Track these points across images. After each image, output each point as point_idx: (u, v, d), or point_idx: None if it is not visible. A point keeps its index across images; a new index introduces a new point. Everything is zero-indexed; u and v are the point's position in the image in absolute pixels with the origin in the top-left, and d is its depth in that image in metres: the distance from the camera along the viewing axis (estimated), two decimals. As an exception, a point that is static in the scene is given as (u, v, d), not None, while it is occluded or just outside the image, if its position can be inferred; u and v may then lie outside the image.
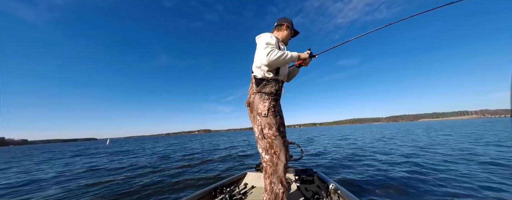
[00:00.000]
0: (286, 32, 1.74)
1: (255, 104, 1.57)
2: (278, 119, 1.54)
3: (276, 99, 1.60)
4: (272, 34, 1.64)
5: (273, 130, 1.48)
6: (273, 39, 1.55)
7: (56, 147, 42.08)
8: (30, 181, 5.28)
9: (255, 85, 1.62)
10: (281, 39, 1.73)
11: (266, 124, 1.50)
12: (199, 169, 5.54)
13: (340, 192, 1.77)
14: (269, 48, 1.44)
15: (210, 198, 1.93)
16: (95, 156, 11.50)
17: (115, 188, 4.11)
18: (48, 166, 8.22)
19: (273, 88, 1.57)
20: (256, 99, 1.57)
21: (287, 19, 1.76)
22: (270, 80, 1.57)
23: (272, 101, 1.54)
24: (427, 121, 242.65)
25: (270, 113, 1.50)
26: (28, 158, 13.79)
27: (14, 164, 10.16)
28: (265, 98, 1.54)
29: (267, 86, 1.56)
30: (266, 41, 1.50)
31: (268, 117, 1.50)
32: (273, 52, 1.41)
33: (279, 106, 1.66)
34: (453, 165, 4.33)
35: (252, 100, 1.60)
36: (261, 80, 1.59)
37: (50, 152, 19.02)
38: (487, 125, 25.88)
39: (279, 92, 1.64)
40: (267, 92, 1.56)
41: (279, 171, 1.45)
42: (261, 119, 1.52)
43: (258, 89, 1.58)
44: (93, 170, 6.56)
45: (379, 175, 3.90)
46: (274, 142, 1.47)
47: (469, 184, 3.12)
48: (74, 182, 4.92)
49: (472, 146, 6.92)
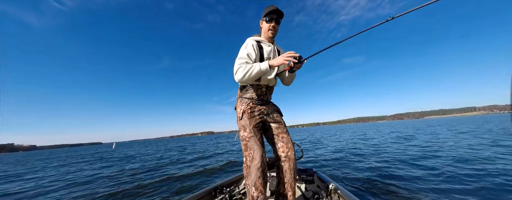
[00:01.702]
0: (263, 27, 1.55)
1: (236, 109, 1.58)
2: (255, 119, 1.50)
3: (257, 103, 1.56)
4: (252, 39, 1.53)
5: (247, 132, 1.44)
6: (248, 49, 1.44)
7: (69, 151, 42.83)
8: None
9: (239, 90, 1.63)
10: (263, 36, 1.58)
11: (241, 127, 1.48)
12: (203, 170, 5.57)
13: (340, 192, 1.76)
14: (237, 65, 1.38)
15: (210, 198, 1.93)
16: (112, 159, 11.66)
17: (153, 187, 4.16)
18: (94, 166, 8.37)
19: (254, 94, 1.54)
20: (237, 104, 1.58)
21: (264, 10, 1.56)
22: (251, 86, 1.54)
23: (250, 104, 1.52)
24: (434, 118, 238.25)
25: (244, 116, 1.48)
26: (62, 161, 14.04)
27: (68, 166, 10.36)
28: (243, 102, 1.54)
29: (248, 91, 1.55)
30: (239, 55, 1.44)
31: (242, 119, 1.48)
32: (239, 69, 1.35)
33: (264, 109, 1.57)
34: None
35: (236, 105, 1.61)
36: (243, 86, 1.59)
37: (72, 157, 19.36)
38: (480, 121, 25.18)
39: (263, 97, 1.58)
40: (248, 97, 1.55)
41: (252, 174, 1.34)
42: (238, 123, 1.51)
43: (240, 94, 1.59)
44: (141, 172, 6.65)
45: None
46: (248, 144, 1.41)
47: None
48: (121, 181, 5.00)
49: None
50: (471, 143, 6.99)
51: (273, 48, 1.56)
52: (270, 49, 1.53)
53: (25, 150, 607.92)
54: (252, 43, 1.48)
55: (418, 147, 6.87)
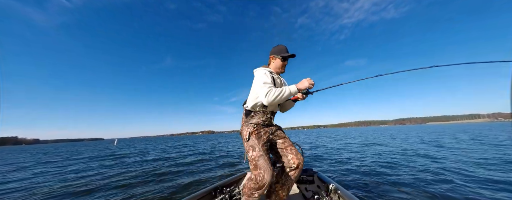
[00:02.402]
0: (275, 62, 1.74)
1: (242, 133, 1.65)
2: (262, 139, 1.58)
3: (263, 127, 1.65)
4: (266, 69, 1.64)
5: (256, 151, 1.49)
6: (268, 76, 1.54)
7: (77, 146, 43.19)
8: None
9: (244, 116, 1.71)
10: (275, 70, 1.74)
11: (249, 147, 1.53)
12: (201, 169, 5.58)
13: (340, 192, 1.77)
14: (266, 88, 1.43)
15: (210, 198, 1.95)
16: (128, 156, 11.75)
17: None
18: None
19: (260, 119, 1.64)
20: (243, 128, 1.66)
21: (274, 49, 1.75)
22: (258, 112, 1.65)
23: (256, 127, 1.60)
24: (437, 124, 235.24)
25: (252, 137, 1.55)
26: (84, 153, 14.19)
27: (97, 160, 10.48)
28: (249, 126, 1.62)
29: (254, 117, 1.64)
30: (263, 81, 1.49)
31: (249, 140, 1.55)
32: (270, 92, 1.41)
33: (269, 129, 1.68)
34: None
35: (241, 130, 1.70)
36: (249, 112, 1.67)
37: (87, 151, 19.55)
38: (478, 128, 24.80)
39: (268, 122, 1.68)
40: (254, 122, 1.63)
41: (259, 192, 1.43)
42: (246, 144, 1.57)
43: (246, 120, 1.67)
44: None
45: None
46: (258, 163, 1.44)
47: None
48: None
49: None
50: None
51: (281, 80, 1.80)
52: (279, 81, 1.74)
53: (28, 144, 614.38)
54: (269, 72, 1.64)
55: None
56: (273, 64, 1.75)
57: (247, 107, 1.70)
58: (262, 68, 1.71)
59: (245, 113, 1.71)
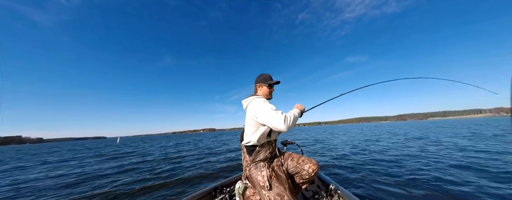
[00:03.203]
0: (263, 90, 1.72)
1: (253, 178, 1.42)
2: (283, 179, 1.41)
3: (272, 161, 1.52)
4: (261, 98, 1.57)
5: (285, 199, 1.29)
6: (269, 104, 1.47)
7: (83, 144, 43.60)
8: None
9: (248, 154, 1.51)
10: (264, 96, 1.71)
11: (275, 197, 1.28)
12: (201, 167, 5.62)
13: (340, 192, 1.78)
14: (280, 114, 1.31)
15: (210, 198, 1.95)
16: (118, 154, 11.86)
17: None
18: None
19: (268, 152, 1.50)
20: (253, 171, 1.44)
21: (258, 78, 1.75)
22: (263, 145, 1.49)
23: (269, 166, 1.44)
24: (438, 120, 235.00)
25: (273, 181, 1.35)
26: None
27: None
28: (261, 166, 1.43)
29: (261, 152, 1.47)
30: (270, 107, 1.40)
31: (273, 187, 1.31)
32: (287, 118, 1.30)
33: (278, 160, 1.59)
34: None
35: (249, 173, 1.46)
36: (253, 147, 1.48)
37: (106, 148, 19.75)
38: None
39: (275, 152, 1.59)
40: (262, 159, 1.46)
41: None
42: (268, 194, 1.31)
43: (252, 158, 1.48)
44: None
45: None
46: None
47: None
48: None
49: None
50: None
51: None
52: None
53: (32, 143, 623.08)
54: (263, 100, 1.55)
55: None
56: (260, 91, 1.73)
57: (249, 143, 1.48)
58: (254, 97, 1.59)
59: (247, 151, 1.51)
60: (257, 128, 1.45)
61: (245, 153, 1.56)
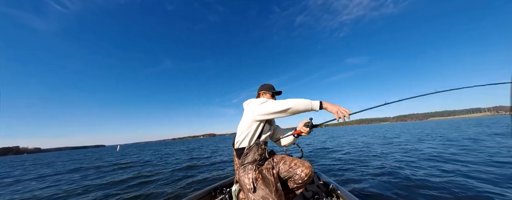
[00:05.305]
0: (266, 97, 1.76)
1: (241, 180, 1.38)
2: (271, 181, 1.34)
3: (261, 163, 1.48)
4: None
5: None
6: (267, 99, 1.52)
7: (87, 153, 43.06)
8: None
9: (237, 157, 1.50)
10: None
11: (260, 199, 1.25)
12: (202, 170, 5.58)
13: (340, 192, 1.78)
14: (275, 102, 1.32)
15: (210, 198, 1.96)
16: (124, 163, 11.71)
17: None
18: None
19: (256, 154, 1.45)
20: (241, 174, 1.39)
21: (262, 87, 1.85)
22: (251, 147, 1.44)
23: (257, 168, 1.39)
24: (438, 120, 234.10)
25: (259, 184, 1.30)
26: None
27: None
28: (248, 169, 1.39)
29: (249, 154, 1.43)
30: (264, 100, 1.45)
31: (258, 190, 1.27)
32: (282, 103, 1.28)
33: (269, 163, 1.51)
34: None
35: (238, 176, 1.42)
36: (241, 150, 1.46)
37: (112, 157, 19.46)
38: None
39: (264, 155, 1.51)
40: (251, 161, 1.43)
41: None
42: (253, 196, 1.27)
43: (240, 161, 1.45)
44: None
45: None
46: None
47: None
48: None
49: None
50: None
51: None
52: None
53: (30, 153, 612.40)
54: None
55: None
56: (263, 98, 1.69)
57: (239, 145, 1.47)
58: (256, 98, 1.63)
59: (237, 155, 1.49)
60: (249, 126, 1.45)
61: (235, 157, 1.55)
